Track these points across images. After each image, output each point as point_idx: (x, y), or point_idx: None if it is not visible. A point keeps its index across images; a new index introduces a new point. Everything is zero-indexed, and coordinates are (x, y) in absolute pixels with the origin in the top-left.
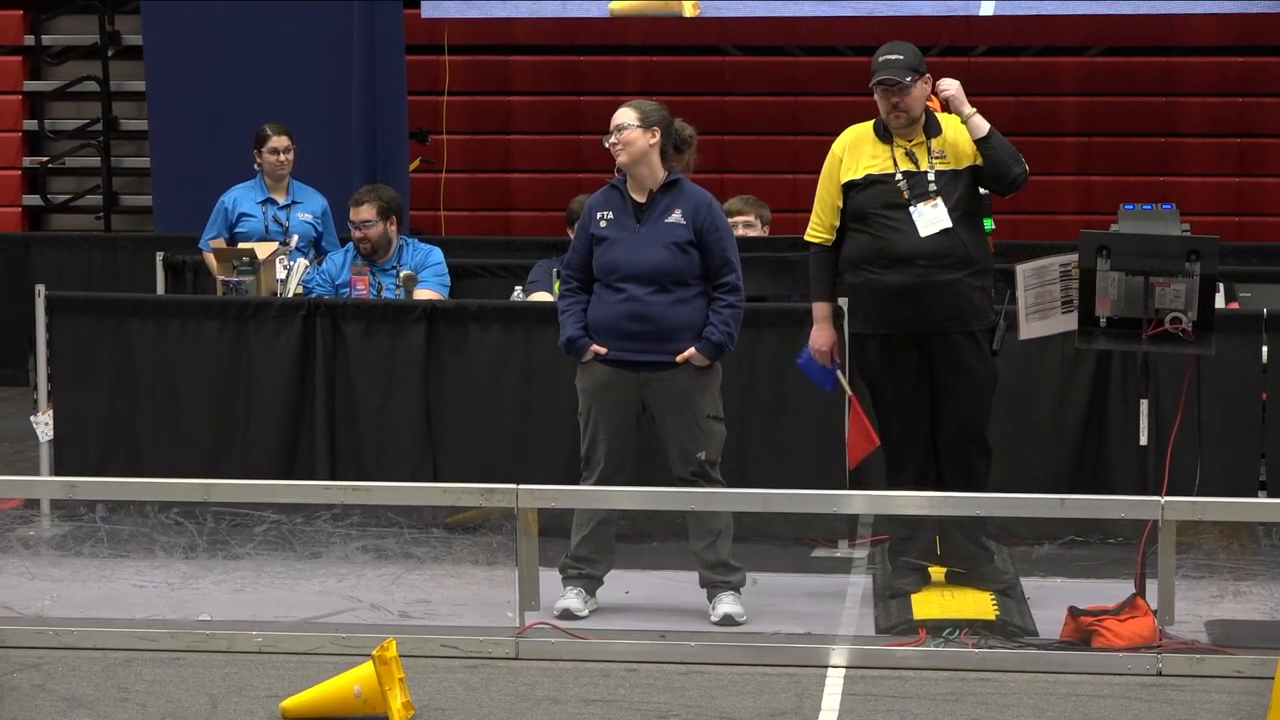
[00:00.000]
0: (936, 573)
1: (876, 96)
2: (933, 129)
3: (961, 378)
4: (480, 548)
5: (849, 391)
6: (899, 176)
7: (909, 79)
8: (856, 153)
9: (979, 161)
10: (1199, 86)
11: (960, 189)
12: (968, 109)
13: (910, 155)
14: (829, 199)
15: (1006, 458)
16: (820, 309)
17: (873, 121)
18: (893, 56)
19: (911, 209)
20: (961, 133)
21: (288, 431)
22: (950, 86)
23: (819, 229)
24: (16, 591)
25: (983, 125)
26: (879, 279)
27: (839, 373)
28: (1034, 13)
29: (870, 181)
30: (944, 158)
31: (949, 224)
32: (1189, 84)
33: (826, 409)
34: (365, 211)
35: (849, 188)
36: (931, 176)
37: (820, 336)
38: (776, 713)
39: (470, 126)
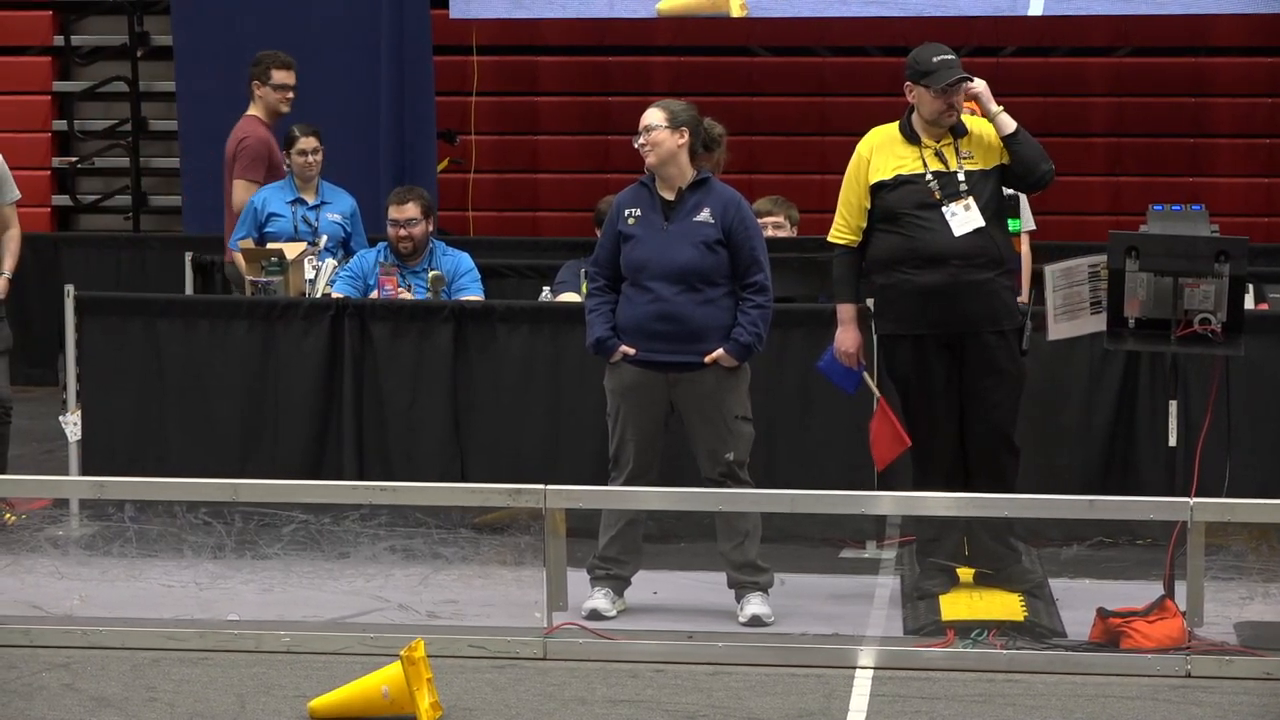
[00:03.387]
0: (964, 574)
1: (929, 97)
2: (959, 129)
3: (993, 377)
4: (508, 548)
5: (876, 393)
6: (929, 177)
7: (971, 78)
8: (884, 154)
9: (1006, 161)
10: (1228, 87)
11: (990, 188)
12: (994, 106)
13: (939, 155)
14: (856, 200)
15: (1035, 459)
16: (846, 310)
17: (897, 123)
18: (949, 56)
19: (944, 209)
20: (987, 133)
21: (316, 432)
22: (978, 85)
23: (845, 230)
24: (45, 591)
25: (1010, 123)
26: (912, 279)
27: (865, 374)
28: (1083, 12)
29: (900, 182)
30: (972, 157)
31: (982, 223)
32: (1218, 84)
33: (854, 410)
34: (411, 209)
35: (878, 188)
36: (961, 176)
37: (847, 338)
38: (804, 714)
39: (498, 127)
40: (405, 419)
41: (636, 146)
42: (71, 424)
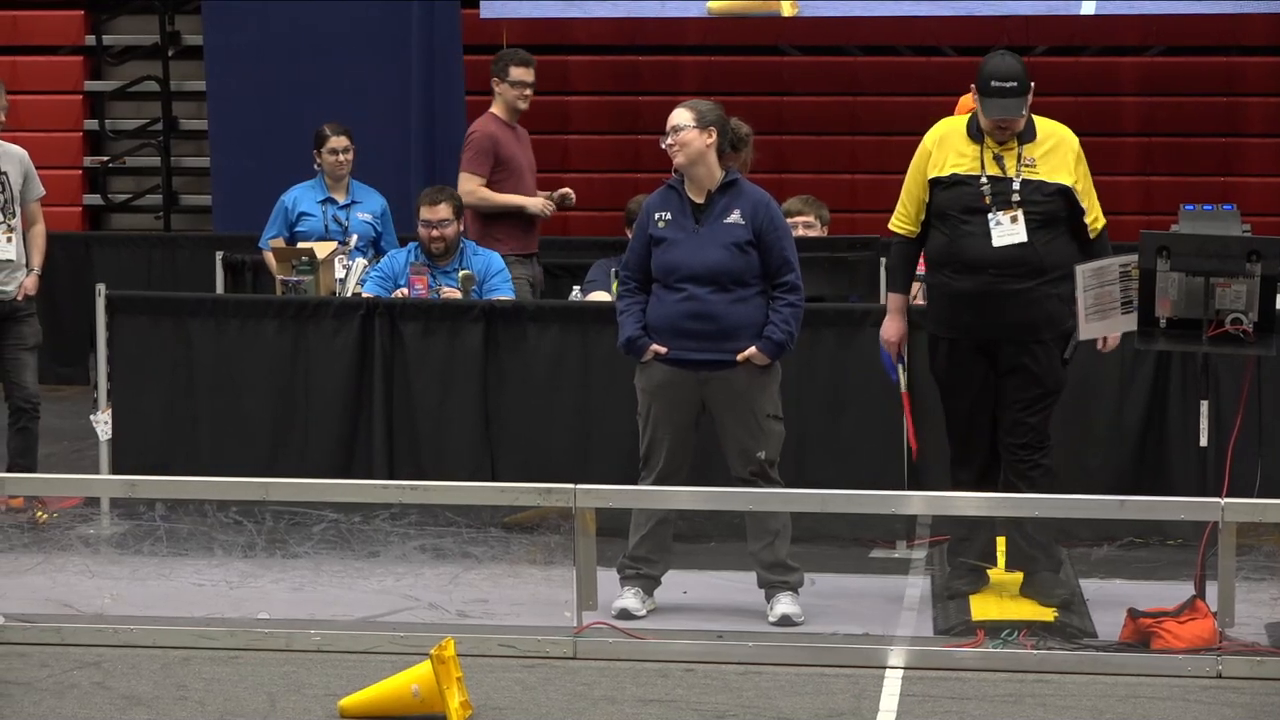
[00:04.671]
0: (995, 574)
1: (982, 111)
2: (1028, 134)
3: (1027, 386)
4: (538, 547)
5: (902, 388)
6: (984, 180)
7: (1021, 114)
8: (946, 148)
9: (1072, 183)
10: (1260, 86)
11: (1043, 199)
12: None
13: (998, 160)
14: (916, 191)
15: (1066, 459)
16: (894, 300)
17: (967, 117)
18: (1007, 84)
19: (990, 216)
20: (1059, 146)
21: (346, 431)
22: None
23: (904, 220)
24: (76, 590)
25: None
26: (950, 283)
27: (900, 367)
28: (1133, 11)
29: (955, 181)
30: (1033, 166)
31: (1024, 239)
32: (1250, 84)
33: (885, 409)
34: (443, 210)
35: (934, 184)
36: (1016, 185)
37: (890, 328)
38: (834, 713)
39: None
40: (435, 418)
41: (664, 147)
42: (102, 423)
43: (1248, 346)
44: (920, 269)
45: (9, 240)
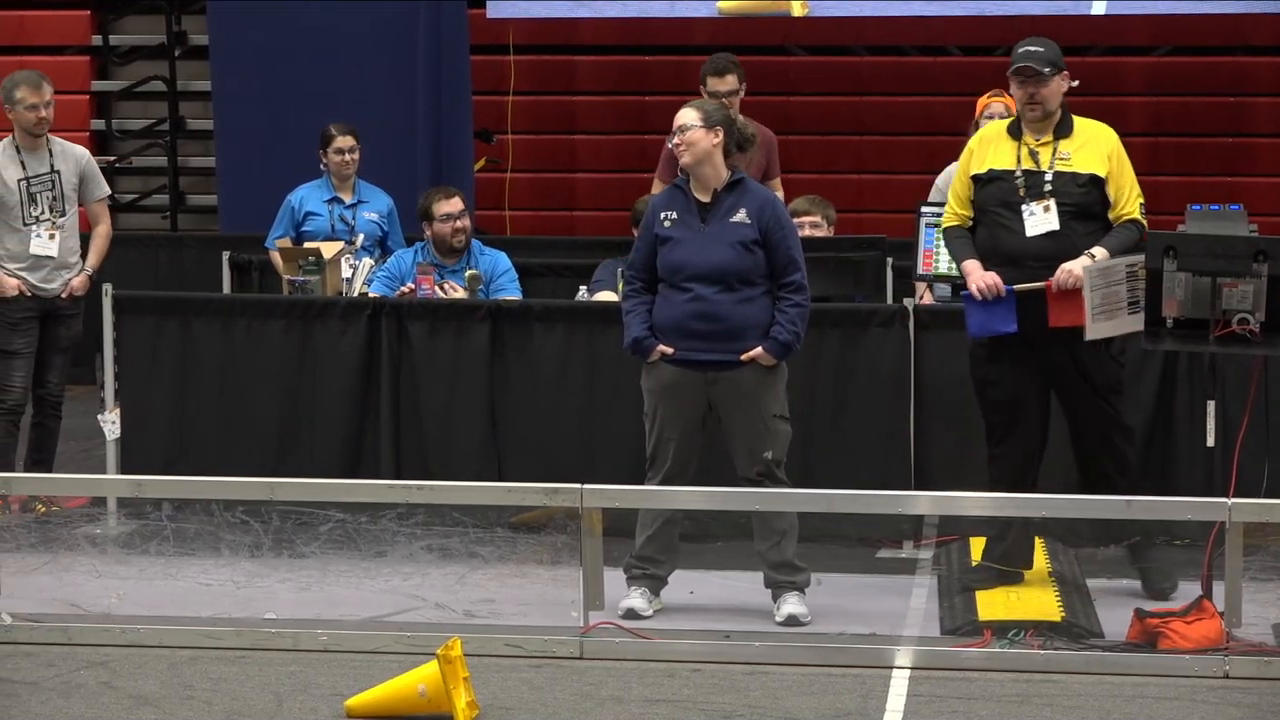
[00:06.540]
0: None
1: (1014, 87)
2: (1064, 129)
3: (1082, 380)
4: (545, 547)
5: (1042, 285)
6: (1018, 174)
7: (1047, 70)
8: (988, 147)
9: (1104, 173)
10: (1267, 86)
11: (1077, 189)
12: (1086, 261)
13: (1034, 154)
14: (962, 191)
15: (1072, 459)
16: (970, 263)
17: (1010, 119)
18: (1033, 49)
19: (1024, 207)
20: (1094, 139)
21: (352, 431)
22: (1076, 270)
23: (952, 216)
24: (83, 589)
25: (1100, 255)
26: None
27: (1013, 290)
28: (1142, 11)
29: (992, 177)
30: (1068, 159)
31: (1056, 226)
32: (1257, 84)
33: (891, 409)
34: (460, 202)
35: (975, 181)
36: (1049, 177)
37: (984, 275)
38: (841, 713)
39: (535, 126)
40: (442, 418)
41: (670, 147)
42: (110, 423)
43: (1254, 346)
44: (925, 267)
45: (52, 238)
